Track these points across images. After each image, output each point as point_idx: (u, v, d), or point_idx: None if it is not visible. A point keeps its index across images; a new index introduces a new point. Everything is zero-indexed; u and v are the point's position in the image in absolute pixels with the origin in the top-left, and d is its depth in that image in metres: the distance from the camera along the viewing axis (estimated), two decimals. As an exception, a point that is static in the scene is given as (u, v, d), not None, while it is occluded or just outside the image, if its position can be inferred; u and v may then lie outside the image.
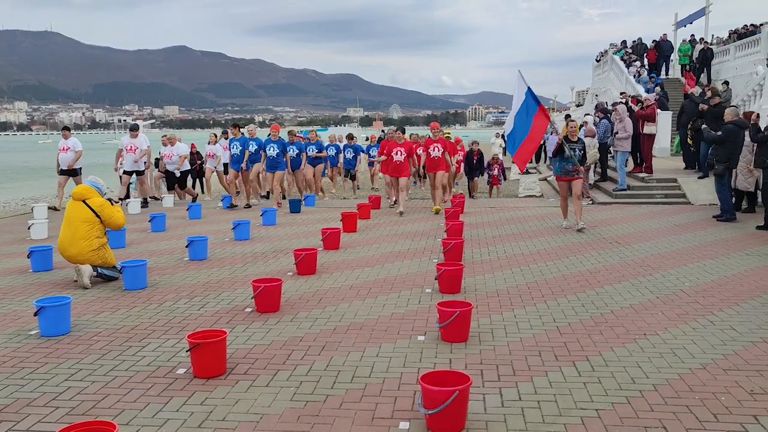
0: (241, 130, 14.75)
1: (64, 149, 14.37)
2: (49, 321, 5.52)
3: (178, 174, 15.94)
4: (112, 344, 5.29)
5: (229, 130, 15.10)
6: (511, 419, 3.85)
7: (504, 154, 26.36)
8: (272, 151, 13.73)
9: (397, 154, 12.82)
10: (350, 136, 18.60)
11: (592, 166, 15.30)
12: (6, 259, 8.88)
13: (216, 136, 17.34)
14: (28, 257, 8.22)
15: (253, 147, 14.06)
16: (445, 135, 15.54)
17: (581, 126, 14.56)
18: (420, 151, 14.12)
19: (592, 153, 14.84)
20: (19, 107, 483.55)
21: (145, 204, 14.55)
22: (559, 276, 7.51)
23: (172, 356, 4.99)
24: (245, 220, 10.58)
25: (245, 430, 3.75)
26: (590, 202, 14.24)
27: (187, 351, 4.63)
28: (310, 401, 4.14)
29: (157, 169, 16.97)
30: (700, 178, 14.03)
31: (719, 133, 11.24)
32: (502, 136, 26.43)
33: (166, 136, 16.25)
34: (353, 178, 18.62)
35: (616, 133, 14.52)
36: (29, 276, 7.88)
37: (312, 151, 15.84)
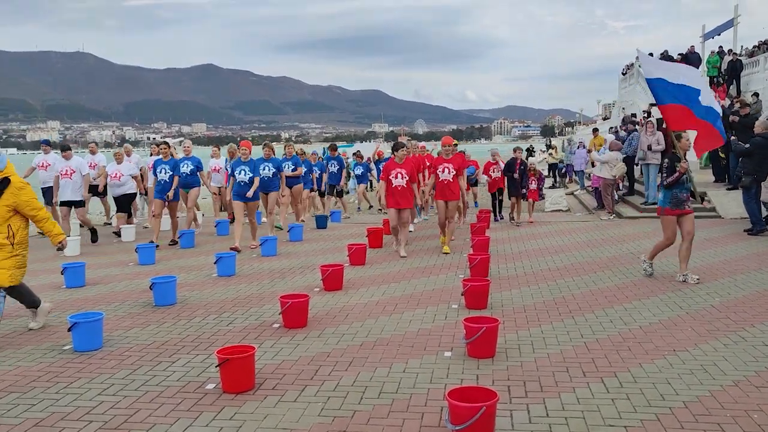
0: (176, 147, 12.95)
1: (66, 173, 11.79)
2: (83, 336, 5.63)
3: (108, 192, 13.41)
4: (143, 359, 5.39)
5: (158, 148, 12.29)
6: (538, 436, 3.84)
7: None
8: (243, 175, 10.68)
9: (397, 177, 9.93)
10: (333, 147, 16.50)
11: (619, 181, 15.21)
12: (41, 275, 9.07)
13: (219, 148, 15.57)
14: (62, 273, 8.40)
15: (188, 167, 12.01)
16: (455, 142, 11.94)
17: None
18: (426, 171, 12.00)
19: (620, 166, 14.73)
20: (52, 126, 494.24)
21: (95, 236, 12.10)
22: (586, 291, 7.46)
23: (201, 371, 5.06)
24: (272, 236, 10.69)
25: (274, 445, 3.79)
26: (613, 216, 14.12)
27: (216, 366, 4.70)
28: (337, 417, 4.17)
29: (143, 196, 14.78)
30: (728, 189, 13.84)
31: (747, 145, 11.11)
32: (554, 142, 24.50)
33: (118, 151, 13.53)
34: (339, 194, 16.14)
35: (649, 146, 14.39)
36: (63, 292, 8.04)
37: (288, 169, 13.01)
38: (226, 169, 13.09)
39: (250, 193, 10.64)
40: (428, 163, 12.14)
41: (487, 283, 6.92)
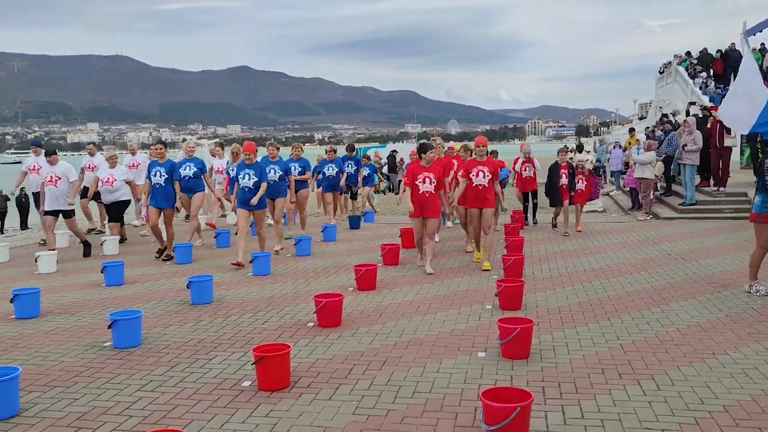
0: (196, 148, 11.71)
1: (51, 179, 10.49)
2: (122, 333, 5.76)
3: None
4: (181, 356, 5.48)
5: (153, 149, 10.88)
6: (573, 437, 3.81)
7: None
8: (247, 180, 9.51)
9: (424, 182, 8.68)
10: (350, 148, 15.73)
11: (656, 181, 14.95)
12: (81, 273, 9.29)
13: (222, 147, 14.49)
14: (102, 272, 8.58)
15: (189, 170, 10.97)
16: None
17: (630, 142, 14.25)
18: (452, 174, 10.52)
19: (659, 166, 14.51)
20: (92, 128, 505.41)
21: (87, 250, 10.81)
22: (622, 293, 7.37)
23: (237, 369, 5.13)
24: (307, 236, 10.77)
25: (309, 442, 3.83)
26: (650, 217, 13.90)
27: (252, 364, 4.76)
28: (371, 415, 4.19)
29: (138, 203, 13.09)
30: None
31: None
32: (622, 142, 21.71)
33: (113, 154, 12.18)
34: (354, 197, 15.49)
35: (685, 145, 14.14)
36: (103, 290, 8.22)
37: (294, 171, 11.82)
38: (228, 173, 12.20)
39: (255, 200, 9.43)
40: (455, 164, 10.73)
41: (521, 283, 6.89)
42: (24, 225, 21.36)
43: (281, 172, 10.61)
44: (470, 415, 4.14)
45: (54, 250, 10.30)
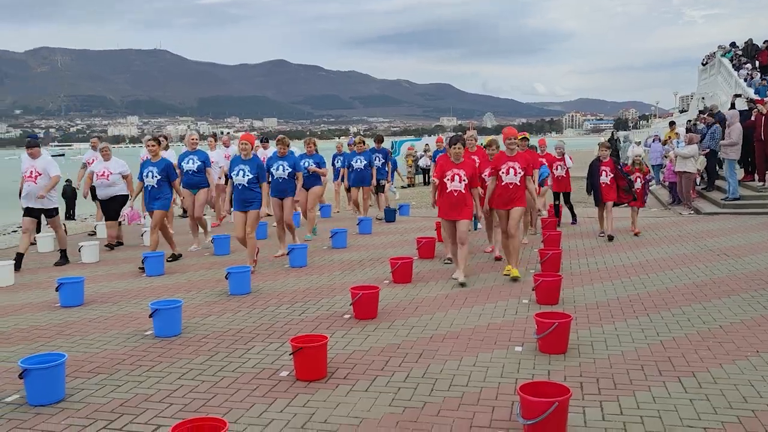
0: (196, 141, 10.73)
1: (30, 175, 9.43)
2: (163, 323, 5.87)
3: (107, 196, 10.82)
4: (220, 346, 5.57)
5: (145, 147, 9.81)
6: (612, 434, 3.77)
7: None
8: (242, 176, 8.50)
9: (453, 180, 7.67)
10: (379, 139, 15.02)
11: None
12: (122, 264, 9.48)
13: (215, 139, 13.59)
14: (143, 262, 8.76)
15: (193, 164, 10.31)
16: (519, 138, 8.94)
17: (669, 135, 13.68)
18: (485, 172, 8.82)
19: (701, 160, 14.22)
20: (131, 121, 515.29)
21: (63, 259, 9.64)
22: (662, 289, 7.25)
23: (275, 359, 5.19)
24: (342, 228, 10.83)
25: (346, 432, 3.87)
26: (692, 212, 13.64)
27: (290, 354, 4.81)
28: (408, 407, 4.20)
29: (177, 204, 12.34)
30: None
31: None
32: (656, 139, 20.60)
33: (105, 146, 11.28)
34: (381, 190, 14.34)
35: (723, 139, 13.82)
36: (144, 280, 8.39)
37: (309, 166, 11.11)
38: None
39: (267, 205, 8.59)
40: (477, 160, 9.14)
41: (558, 278, 6.82)
42: (70, 216, 21.84)
43: (290, 169, 9.56)
44: (507, 409, 4.13)
45: (22, 254, 9.34)
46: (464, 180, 7.62)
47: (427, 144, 29.23)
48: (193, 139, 10.79)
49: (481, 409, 4.14)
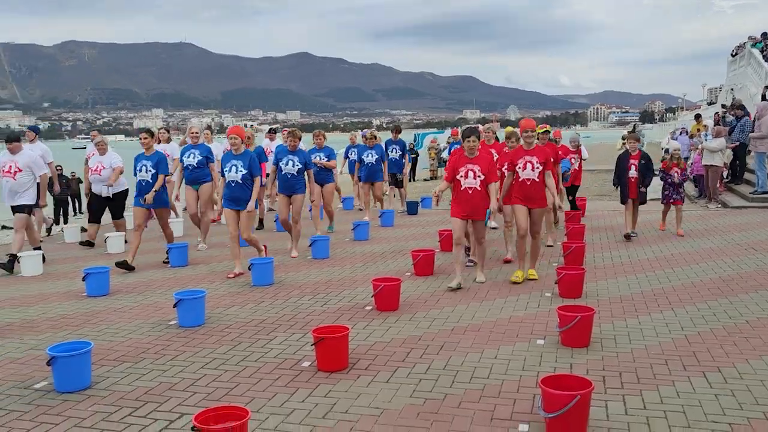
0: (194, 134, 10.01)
1: (9, 170, 9.07)
2: (187, 313, 5.94)
3: (109, 195, 10.22)
4: (243, 336, 5.62)
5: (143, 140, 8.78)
6: (634, 427, 3.74)
7: None
8: (234, 173, 7.83)
9: (467, 176, 7.07)
10: (397, 130, 14.22)
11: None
12: (148, 254, 9.60)
13: (210, 131, 12.24)
14: (167, 253, 8.86)
15: (194, 158, 9.64)
16: (540, 131, 9.45)
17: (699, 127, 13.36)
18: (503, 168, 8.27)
19: (728, 153, 13.99)
20: (157, 114, 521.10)
21: (10, 264, 8.70)
22: (687, 283, 7.16)
23: (297, 349, 5.23)
24: (365, 221, 10.84)
25: (367, 423, 3.88)
26: (719, 206, 13.43)
27: (312, 345, 4.84)
28: (429, 399, 4.21)
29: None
30: None
31: None
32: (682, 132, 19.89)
33: (101, 140, 10.52)
34: (400, 184, 13.82)
35: (751, 131, 13.57)
36: (168, 271, 8.48)
37: (320, 160, 10.49)
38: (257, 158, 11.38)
39: (251, 206, 7.85)
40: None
41: (582, 271, 6.77)
42: (77, 211, 22.09)
43: (300, 165, 9.05)
44: (528, 401, 4.11)
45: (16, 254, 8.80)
46: (479, 176, 7.01)
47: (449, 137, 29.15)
48: (193, 132, 10.11)
49: (503, 401, 4.14)
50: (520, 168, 7.34)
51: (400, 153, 13.42)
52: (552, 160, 7.93)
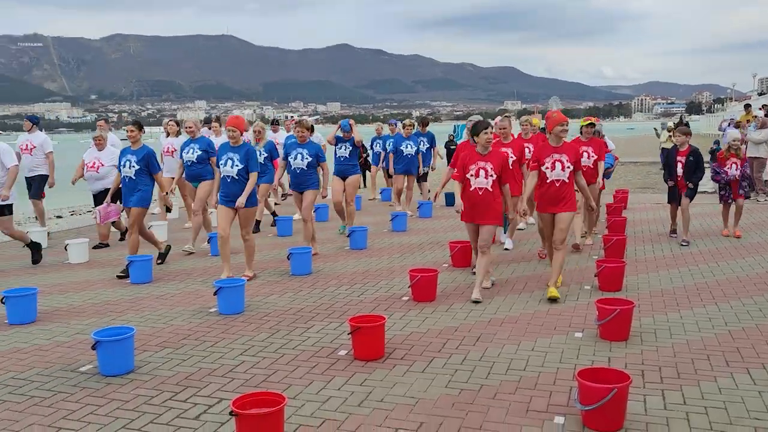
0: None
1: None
2: (227, 300, 6.04)
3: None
4: (281, 324, 5.70)
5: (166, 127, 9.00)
6: (674, 423, 3.68)
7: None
8: (230, 167, 7.15)
9: (478, 175, 6.32)
10: (424, 122, 13.56)
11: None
12: (190, 243, 9.76)
13: (219, 123, 11.59)
14: (208, 242, 9.01)
15: (193, 153, 9.05)
16: (585, 123, 8.79)
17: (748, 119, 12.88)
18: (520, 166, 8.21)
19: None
20: (199, 105, 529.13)
21: (37, 257, 8.66)
22: (732, 277, 6.99)
23: (334, 338, 5.28)
24: (402, 212, 10.85)
25: (402, 412, 3.90)
26: (766, 199, 13.05)
27: (348, 334, 4.88)
28: (464, 389, 4.21)
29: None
30: None
31: None
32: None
33: (99, 134, 10.12)
34: (424, 178, 13.14)
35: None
36: (209, 259, 8.63)
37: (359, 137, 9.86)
38: (267, 153, 10.38)
39: (242, 200, 7.10)
40: (509, 152, 8.04)
41: (622, 264, 6.67)
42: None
43: (310, 158, 8.33)
44: (565, 394, 4.08)
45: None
46: (491, 175, 6.27)
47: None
48: (188, 127, 9.47)
49: (539, 393, 4.11)
50: (547, 168, 6.30)
51: (428, 146, 13.09)
52: (587, 156, 8.06)
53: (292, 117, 20.28)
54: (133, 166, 7.78)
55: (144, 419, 3.89)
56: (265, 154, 10.01)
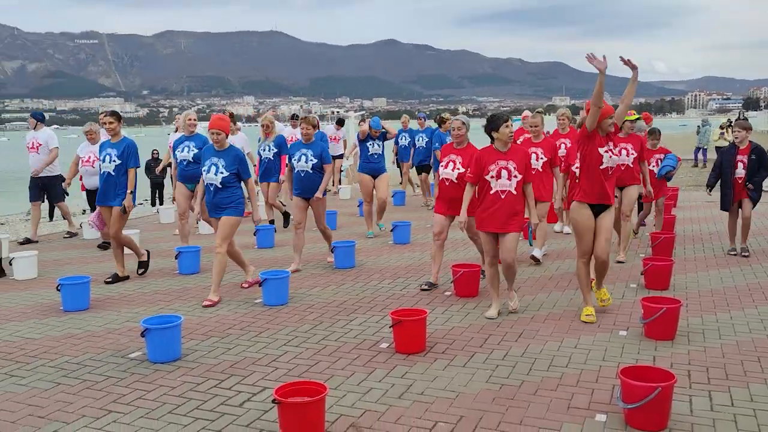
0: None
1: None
2: (271, 292, 6.14)
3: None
4: (324, 316, 5.77)
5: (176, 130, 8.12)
6: (720, 424, 3.60)
7: None
8: (212, 173, 6.31)
9: (498, 176, 5.51)
10: (443, 120, 12.21)
11: None
12: (237, 236, 9.93)
13: (234, 120, 10.79)
14: (254, 234, 9.16)
15: (188, 152, 8.35)
16: (634, 118, 7.56)
17: None
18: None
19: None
20: (248, 101, 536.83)
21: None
22: (787, 278, 6.78)
23: (376, 331, 5.32)
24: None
25: (442, 405, 3.92)
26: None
27: (390, 327, 4.92)
28: (505, 385, 4.20)
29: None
30: None
31: None
32: None
33: (90, 128, 9.59)
34: None
35: None
36: (254, 252, 8.78)
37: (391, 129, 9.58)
38: (258, 153, 10.06)
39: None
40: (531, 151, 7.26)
41: (670, 263, 6.53)
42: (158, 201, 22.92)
43: (315, 160, 7.36)
44: (607, 392, 4.04)
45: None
46: (515, 175, 5.47)
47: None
48: (190, 120, 8.48)
49: (580, 390, 4.08)
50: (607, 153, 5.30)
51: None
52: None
53: (337, 112, 20.17)
54: (114, 161, 7.13)
55: (190, 405, 4.00)
56: (275, 150, 9.64)
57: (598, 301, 5.73)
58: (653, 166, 8.35)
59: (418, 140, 12.11)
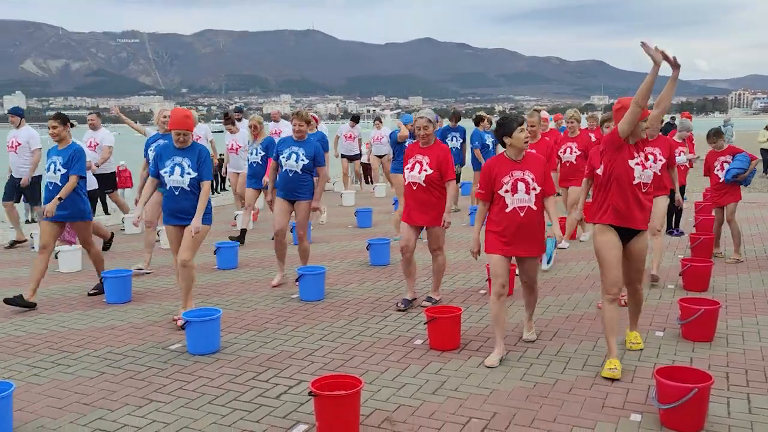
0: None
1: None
2: (308, 287, 6.24)
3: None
4: (359, 312, 5.84)
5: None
6: (758, 427, 3.56)
7: None
8: (178, 175, 5.47)
9: (515, 190, 4.61)
10: (455, 116, 11.88)
11: None
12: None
13: (241, 117, 10.82)
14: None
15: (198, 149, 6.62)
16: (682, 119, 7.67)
17: None
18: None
19: None
20: (285, 99, 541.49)
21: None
22: (831, 281, 6.63)
23: (410, 327, 5.37)
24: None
25: (476, 401, 3.95)
26: None
27: (424, 324, 4.96)
28: (539, 383, 4.21)
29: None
30: None
31: None
32: None
33: (91, 115, 9.99)
34: (457, 178, 11.52)
35: None
36: (292, 248, 8.86)
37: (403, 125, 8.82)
38: (263, 152, 9.08)
39: (196, 224, 5.43)
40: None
41: (709, 264, 6.44)
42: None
43: (306, 160, 6.64)
44: (642, 392, 4.02)
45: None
46: (534, 188, 4.61)
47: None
48: (165, 118, 7.20)
49: (615, 390, 4.07)
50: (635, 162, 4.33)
51: (461, 141, 11.49)
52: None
53: (374, 110, 20.29)
54: (59, 170, 6.32)
55: (228, 396, 4.10)
56: (262, 153, 8.94)
57: (627, 343, 4.82)
58: (718, 170, 7.63)
59: (451, 140, 11.46)
